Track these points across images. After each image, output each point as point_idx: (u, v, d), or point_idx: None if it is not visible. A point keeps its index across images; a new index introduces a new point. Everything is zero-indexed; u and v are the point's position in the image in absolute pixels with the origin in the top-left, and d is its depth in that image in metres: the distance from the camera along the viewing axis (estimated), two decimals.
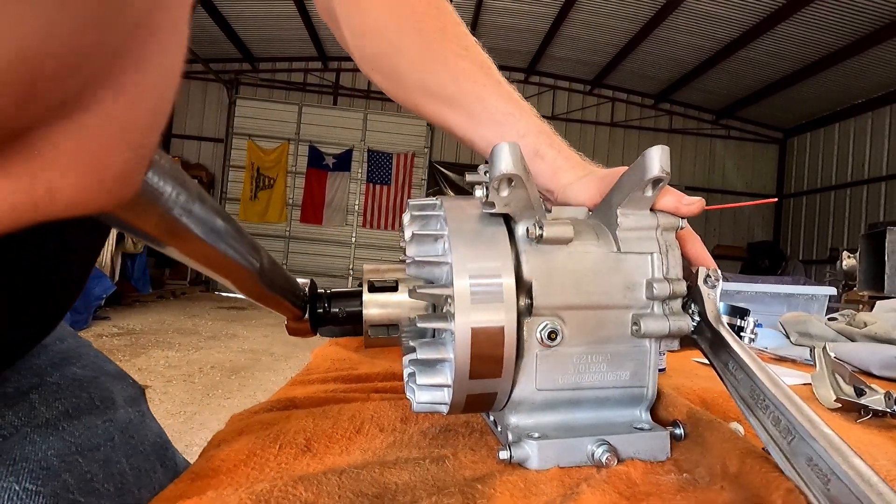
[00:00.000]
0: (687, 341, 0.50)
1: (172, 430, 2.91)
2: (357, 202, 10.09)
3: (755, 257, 10.21)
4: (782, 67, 8.40)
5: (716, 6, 7.18)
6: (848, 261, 4.41)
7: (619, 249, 0.46)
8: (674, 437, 0.46)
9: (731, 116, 10.58)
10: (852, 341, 1.09)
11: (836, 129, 9.67)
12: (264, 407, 0.63)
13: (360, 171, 10.09)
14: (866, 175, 9.00)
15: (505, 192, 0.43)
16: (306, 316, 0.51)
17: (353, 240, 10.14)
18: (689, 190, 10.47)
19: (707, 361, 0.49)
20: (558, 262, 0.45)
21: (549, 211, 0.51)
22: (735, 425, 0.50)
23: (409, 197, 11.16)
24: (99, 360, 0.54)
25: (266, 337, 5.72)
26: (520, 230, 0.45)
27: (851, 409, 0.66)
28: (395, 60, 0.58)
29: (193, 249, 0.26)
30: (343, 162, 10.09)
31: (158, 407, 3.25)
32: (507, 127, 0.57)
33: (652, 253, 0.47)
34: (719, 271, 0.51)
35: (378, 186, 10.11)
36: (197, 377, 3.95)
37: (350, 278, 9.91)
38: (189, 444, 2.68)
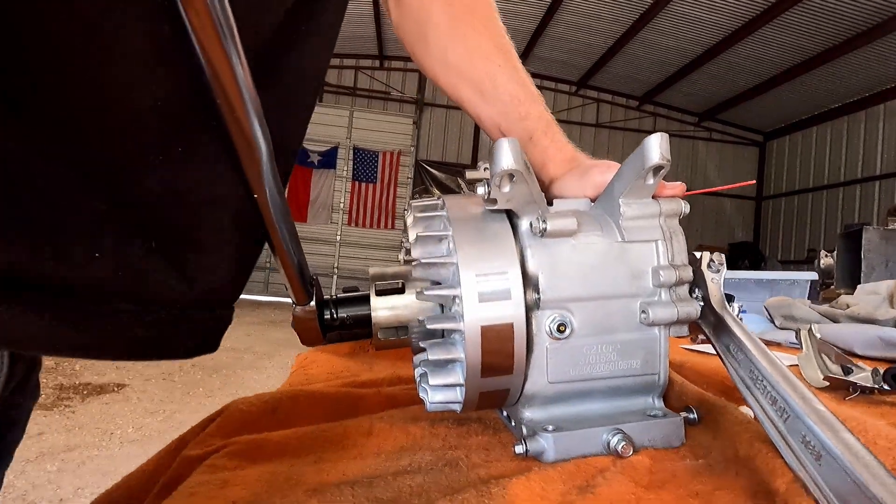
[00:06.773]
0: (690, 325, 0.51)
1: (150, 428, 2.84)
2: (342, 200, 10.01)
3: (736, 257, 10.40)
4: (762, 71, 8.58)
5: (698, 10, 7.30)
6: (825, 259, 4.53)
7: (623, 239, 0.46)
8: (687, 423, 0.46)
9: (712, 119, 10.77)
10: (835, 323, 1.10)
11: (813, 132, 9.91)
12: (269, 398, 0.60)
13: (345, 168, 10.01)
14: (842, 178, 9.23)
15: (507, 188, 0.42)
16: (313, 303, 0.49)
17: (339, 238, 10.06)
18: None
19: (696, 348, 0.48)
20: (563, 254, 0.45)
21: (552, 204, 0.50)
22: (745, 409, 0.49)
23: (395, 195, 10.99)
24: None
25: (248, 336, 5.64)
26: (523, 225, 0.45)
27: (840, 387, 0.67)
28: (424, 27, 0.62)
29: None
30: (328, 159, 10.00)
31: (136, 406, 3.17)
32: (511, 108, 0.58)
33: (656, 240, 0.47)
34: (723, 255, 0.52)
35: (364, 184, 10.05)
36: (177, 375, 3.87)
37: (335, 277, 9.82)
38: (168, 442, 2.62)
